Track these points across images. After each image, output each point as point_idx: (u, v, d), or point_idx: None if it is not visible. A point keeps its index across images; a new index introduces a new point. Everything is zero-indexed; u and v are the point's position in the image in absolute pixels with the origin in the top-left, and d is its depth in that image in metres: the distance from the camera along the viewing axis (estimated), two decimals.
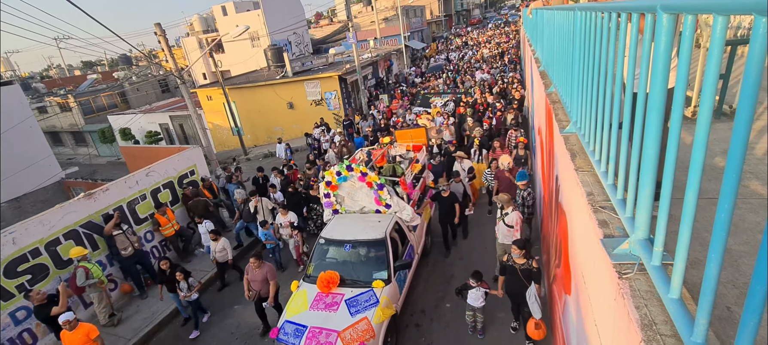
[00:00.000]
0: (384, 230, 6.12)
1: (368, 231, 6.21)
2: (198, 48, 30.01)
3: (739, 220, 2.36)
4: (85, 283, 6.61)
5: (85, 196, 7.53)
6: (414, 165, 7.75)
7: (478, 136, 10.06)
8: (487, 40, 34.58)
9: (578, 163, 2.79)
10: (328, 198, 6.97)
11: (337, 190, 6.87)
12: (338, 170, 6.60)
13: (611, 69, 2.11)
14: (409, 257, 6.46)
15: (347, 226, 6.53)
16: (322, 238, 6.37)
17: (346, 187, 6.80)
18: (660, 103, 1.45)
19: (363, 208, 6.84)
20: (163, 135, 23.77)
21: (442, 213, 7.33)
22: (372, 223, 6.42)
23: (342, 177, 6.66)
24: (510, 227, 5.75)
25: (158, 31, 11.19)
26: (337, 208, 7.02)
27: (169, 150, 11.06)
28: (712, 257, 1.08)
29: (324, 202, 7.05)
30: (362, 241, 6.12)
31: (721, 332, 1.62)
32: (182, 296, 6.52)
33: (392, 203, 6.55)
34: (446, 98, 15.39)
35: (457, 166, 8.60)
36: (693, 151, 1.18)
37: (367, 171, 6.46)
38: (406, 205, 6.60)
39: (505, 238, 5.91)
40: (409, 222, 6.70)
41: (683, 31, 1.23)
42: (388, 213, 6.61)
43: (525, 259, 4.70)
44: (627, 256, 1.74)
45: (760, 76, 0.92)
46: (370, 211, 6.79)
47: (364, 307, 5.25)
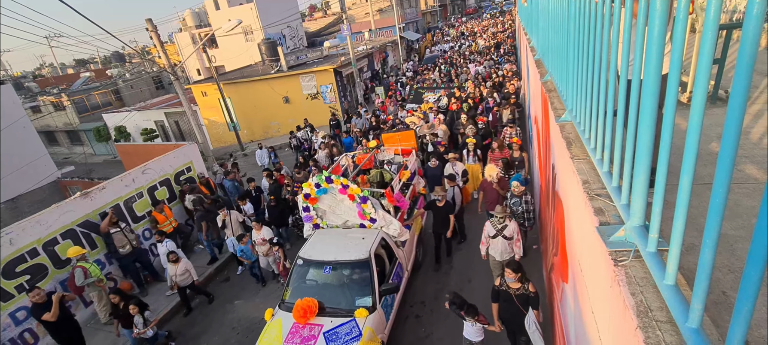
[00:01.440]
0: (368, 249, 5.50)
1: (350, 250, 5.58)
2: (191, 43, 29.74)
3: (734, 205, 2.36)
4: (83, 283, 6.59)
5: (81, 196, 7.49)
6: (402, 172, 7.09)
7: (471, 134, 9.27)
8: (482, 30, 34.38)
9: (574, 152, 2.78)
10: (308, 212, 6.34)
11: (318, 203, 6.26)
12: (317, 182, 6.00)
13: (605, 56, 2.10)
14: (397, 277, 5.86)
15: (328, 243, 5.89)
16: (300, 257, 5.73)
17: (327, 199, 6.19)
18: (654, 89, 1.43)
19: (346, 222, 6.25)
20: (159, 132, 23.64)
21: (436, 223, 6.78)
22: (355, 240, 5.78)
23: (322, 189, 6.06)
24: (510, 239, 5.27)
25: (150, 27, 11.07)
26: (319, 223, 6.39)
27: (164, 147, 11.00)
28: (706, 243, 1.08)
29: (303, 216, 6.42)
30: (343, 262, 5.48)
31: (716, 317, 1.63)
32: (136, 333, 5.90)
33: (377, 217, 5.93)
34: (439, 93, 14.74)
35: (449, 168, 7.95)
36: (687, 137, 1.17)
37: (349, 183, 5.85)
38: (392, 219, 5.99)
39: (505, 254, 5.37)
40: (397, 237, 6.11)
41: (677, 15, 1.22)
42: (374, 228, 6.02)
43: (520, 283, 4.23)
44: (623, 244, 1.74)
45: (753, 58, 0.91)
46: (354, 225, 6.18)
47: (344, 342, 4.70)
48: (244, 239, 7.12)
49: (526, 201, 5.93)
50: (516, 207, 5.97)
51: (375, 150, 8.13)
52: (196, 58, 29.66)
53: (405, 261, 6.30)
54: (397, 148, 8.45)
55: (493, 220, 5.34)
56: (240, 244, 7.11)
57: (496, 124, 10.83)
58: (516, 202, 6.00)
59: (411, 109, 13.45)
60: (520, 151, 7.81)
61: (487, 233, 5.40)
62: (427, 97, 14.86)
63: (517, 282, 4.21)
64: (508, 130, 9.00)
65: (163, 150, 10.01)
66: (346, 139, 12.85)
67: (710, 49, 1.09)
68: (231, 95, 19.35)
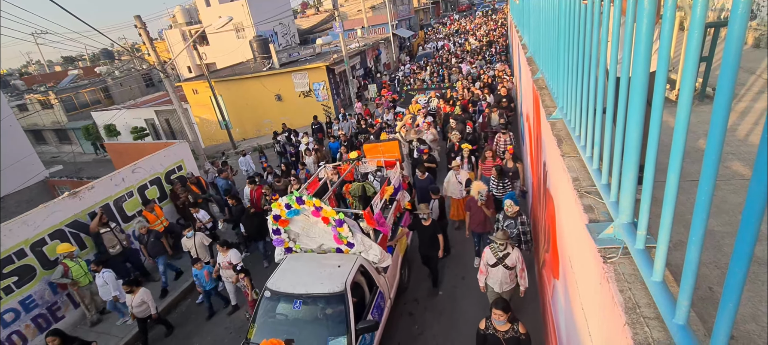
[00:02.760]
0: (343, 281, 4.89)
1: (324, 281, 4.98)
2: (181, 40, 29.41)
3: (721, 202, 2.39)
4: (58, 280, 6.57)
5: (70, 195, 7.39)
6: (384, 188, 6.40)
7: (456, 140, 8.71)
8: (474, 28, 34.42)
9: (564, 149, 2.80)
10: (279, 234, 5.64)
11: (289, 225, 5.58)
12: (288, 202, 5.31)
13: (595, 53, 2.11)
14: (377, 309, 5.24)
15: (299, 272, 5.27)
16: (268, 289, 5.10)
17: (300, 221, 5.51)
18: (642, 87, 1.44)
19: (322, 246, 5.61)
20: (149, 130, 23.39)
21: (423, 244, 6.10)
22: (329, 269, 5.16)
23: (293, 210, 5.36)
24: (511, 269, 4.65)
25: (139, 23, 10.92)
26: (291, 246, 5.72)
27: (155, 146, 10.87)
28: (693, 240, 1.09)
29: (273, 239, 5.72)
30: (316, 296, 4.87)
31: (703, 312, 1.65)
32: None
33: (355, 242, 5.29)
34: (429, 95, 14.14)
35: (451, 177, 7.33)
36: (674, 134, 1.18)
37: (322, 204, 5.17)
38: (372, 243, 5.36)
39: (505, 285, 4.76)
40: (378, 264, 5.46)
41: (664, 13, 1.22)
42: (352, 253, 5.40)
43: (510, 324, 3.80)
44: (611, 241, 1.75)
45: (739, 56, 0.91)
46: (331, 249, 5.55)
47: None
48: (199, 264, 6.43)
49: (522, 222, 5.33)
50: (510, 229, 5.28)
51: (356, 162, 7.48)
52: (187, 56, 29.34)
53: (387, 289, 5.65)
54: (379, 159, 7.63)
55: (494, 246, 4.71)
56: (194, 268, 6.45)
57: (485, 127, 10.25)
58: (510, 223, 5.35)
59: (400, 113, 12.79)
60: (513, 161, 7.25)
61: (486, 261, 4.78)
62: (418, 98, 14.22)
63: (507, 323, 3.77)
64: (501, 137, 8.39)
65: (153, 149, 9.90)
66: (333, 143, 12.00)
67: (697, 46, 1.09)
68: (222, 93, 19.19)
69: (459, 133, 8.89)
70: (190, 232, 7.06)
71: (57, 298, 6.96)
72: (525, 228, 5.32)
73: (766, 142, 0.78)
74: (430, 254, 6.10)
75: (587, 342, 2.19)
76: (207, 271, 6.47)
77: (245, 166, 12.03)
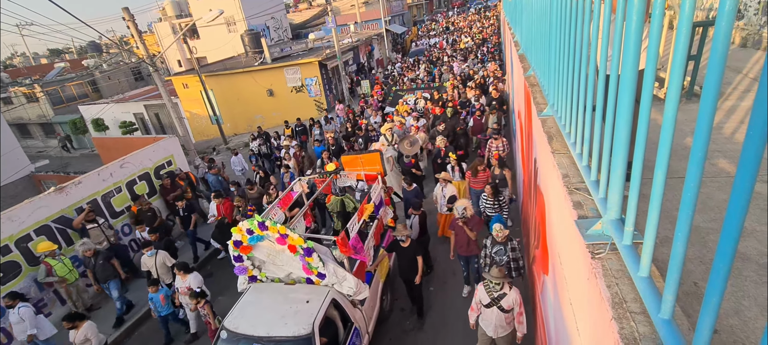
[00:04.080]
0: (311, 321, 4.31)
1: (289, 320, 4.37)
2: (171, 34, 28.97)
3: (707, 198, 2.43)
4: (44, 280, 6.45)
5: (56, 190, 7.26)
6: (363, 207, 5.67)
7: (443, 146, 8.16)
8: (468, 25, 34.42)
9: (555, 146, 2.82)
10: (240, 261, 5.03)
11: (253, 251, 4.96)
12: (249, 228, 4.71)
13: (585, 51, 2.12)
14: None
15: (262, 308, 4.65)
16: (225, 329, 4.52)
17: (265, 248, 4.90)
18: (631, 84, 1.45)
19: (290, 275, 5.01)
20: (139, 125, 23.05)
21: (402, 269, 5.59)
22: (296, 305, 4.55)
23: (255, 236, 4.76)
24: (508, 312, 4.11)
25: (127, 16, 10.73)
26: (256, 274, 5.12)
27: (144, 140, 10.72)
28: (678, 236, 1.10)
29: (235, 267, 5.08)
30: (278, 340, 4.25)
31: (688, 307, 1.67)
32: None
33: (327, 272, 4.68)
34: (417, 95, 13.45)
35: (438, 190, 6.83)
36: (662, 132, 1.19)
37: (288, 231, 4.55)
38: (346, 274, 4.75)
39: (500, 330, 4.22)
40: (354, 296, 4.86)
41: (653, 11, 1.23)
42: (323, 284, 4.78)
43: None
44: (600, 237, 1.77)
45: (725, 55, 0.92)
46: (300, 278, 4.95)
47: None
48: (154, 288, 5.88)
49: (513, 248, 4.81)
50: (499, 256, 4.79)
51: (334, 175, 6.91)
52: (177, 49, 28.90)
53: (364, 324, 5.04)
54: (359, 173, 6.95)
55: (488, 284, 4.17)
56: (149, 291, 5.90)
57: (479, 130, 9.68)
58: (499, 249, 4.81)
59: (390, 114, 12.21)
60: (500, 168, 6.85)
61: (479, 300, 4.28)
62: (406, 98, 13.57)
63: None
64: (493, 143, 7.90)
65: (142, 143, 9.77)
66: (317, 148, 11.09)
67: (684, 45, 1.10)
68: (213, 87, 18.97)
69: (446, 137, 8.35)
70: (150, 251, 6.47)
71: (43, 294, 6.86)
72: (516, 254, 4.78)
73: (750, 141, 0.79)
74: (410, 277, 5.54)
75: (575, 336, 2.21)
76: (163, 295, 5.90)
77: (239, 166, 11.32)
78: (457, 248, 5.73)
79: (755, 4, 5.97)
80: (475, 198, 6.87)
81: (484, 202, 6.25)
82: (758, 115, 0.77)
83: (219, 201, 7.98)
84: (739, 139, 3.14)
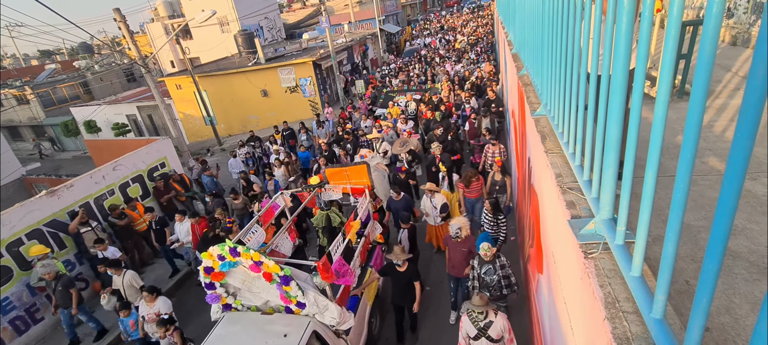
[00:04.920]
0: None
1: None
2: (164, 34, 28.77)
3: (698, 196, 2.45)
4: (37, 284, 6.37)
5: (47, 194, 7.19)
6: (350, 224, 5.23)
7: (438, 153, 7.72)
8: (462, 24, 34.46)
9: (548, 146, 2.83)
10: (213, 289, 4.59)
11: (226, 278, 4.56)
12: (220, 253, 4.28)
13: (577, 51, 2.13)
14: None
15: (237, 341, 4.26)
16: None
17: (239, 274, 4.51)
18: (622, 84, 1.46)
19: (267, 303, 4.59)
20: (131, 126, 22.86)
21: (396, 293, 5.18)
22: (273, 340, 4.15)
23: (227, 263, 4.33)
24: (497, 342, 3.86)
25: (118, 16, 10.63)
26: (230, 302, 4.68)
27: (137, 142, 10.64)
28: (669, 236, 1.11)
29: (207, 295, 4.65)
30: None
31: (680, 305, 1.68)
32: None
33: (307, 302, 4.26)
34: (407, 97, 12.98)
35: (426, 201, 6.37)
36: (652, 131, 1.19)
37: (263, 257, 4.11)
38: (328, 303, 4.34)
39: None
40: (337, 326, 4.48)
41: (643, 11, 1.23)
42: (304, 314, 4.37)
43: None
44: (592, 236, 1.78)
45: (714, 53, 0.93)
46: (279, 306, 4.52)
47: None
48: (125, 311, 5.51)
49: (502, 265, 4.50)
50: (489, 276, 4.50)
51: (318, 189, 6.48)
52: (170, 50, 28.71)
53: None
54: (345, 186, 6.49)
55: (471, 314, 3.90)
56: (120, 315, 5.55)
57: (474, 134, 9.29)
58: (488, 269, 4.50)
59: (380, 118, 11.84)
60: (502, 174, 6.47)
61: (466, 333, 4.00)
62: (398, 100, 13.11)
63: None
64: (490, 148, 7.50)
65: (135, 145, 9.71)
66: (302, 153, 10.62)
67: (674, 44, 1.11)
68: (207, 88, 18.86)
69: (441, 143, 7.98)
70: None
71: (35, 299, 6.78)
72: (506, 271, 4.49)
73: (739, 138, 0.79)
74: (405, 304, 5.18)
75: (569, 336, 2.22)
76: (133, 320, 5.52)
77: (237, 168, 10.90)
78: (449, 269, 5.32)
79: (744, 2, 6.03)
80: (469, 206, 6.69)
81: (484, 219, 5.81)
82: (747, 113, 0.77)
83: (194, 220, 7.14)
84: (730, 138, 3.17)
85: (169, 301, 5.44)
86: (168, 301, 5.43)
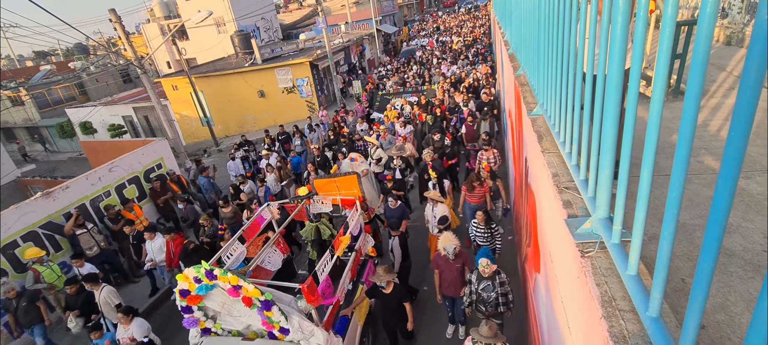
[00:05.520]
0: None
1: None
2: (160, 35, 28.66)
3: (693, 195, 2.46)
4: (32, 287, 6.32)
5: (43, 195, 7.14)
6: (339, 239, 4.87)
7: (429, 160, 7.34)
8: (458, 24, 34.50)
9: (545, 145, 2.84)
10: (189, 312, 4.31)
11: (204, 301, 4.23)
12: (196, 276, 4.02)
13: (573, 51, 2.14)
14: None
15: None
16: None
17: (217, 297, 4.20)
18: (617, 84, 1.47)
19: (249, 327, 4.34)
20: (128, 128, 22.77)
21: (386, 319, 4.84)
22: None
23: (203, 286, 4.05)
24: None
25: (113, 17, 10.58)
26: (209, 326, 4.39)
27: (133, 143, 10.61)
28: (665, 235, 1.11)
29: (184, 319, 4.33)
30: None
31: (676, 303, 1.70)
32: None
33: (291, 327, 3.98)
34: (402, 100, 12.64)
35: (428, 209, 6.19)
36: (647, 130, 1.20)
37: (241, 281, 3.85)
38: (315, 328, 4.07)
39: None
40: None
41: (637, 12, 1.24)
42: (287, 340, 4.12)
43: None
44: (589, 235, 1.79)
45: (708, 53, 0.93)
46: (262, 331, 4.26)
47: None
48: (97, 333, 5.11)
49: (501, 282, 4.31)
50: (486, 293, 4.31)
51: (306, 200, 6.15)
52: (166, 51, 28.60)
53: None
54: (335, 197, 6.13)
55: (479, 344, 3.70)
56: (92, 338, 5.17)
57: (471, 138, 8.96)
58: (486, 285, 4.32)
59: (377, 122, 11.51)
60: (492, 179, 6.36)
61: None
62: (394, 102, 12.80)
63: None
64: (484, 155, 7.22)
65: (131, 146, 9.67)
66: (293, 158, 10.21)
67: (668, 44, 1.12)
68: (203, 89, 18.80)
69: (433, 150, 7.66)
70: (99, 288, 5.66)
71: None
72: (505, 288, 4.32)
73: (733, 137, 0.80)
74: (395, 327, 4.80)
75: (566, 334, 2.23)
76: (108, 340, 5.15)
77: (235, 171, 10.57)
78: (442, 289, 4.98)
79: (739, 3, 6.07)
80: (470, 212, 6.41)
81: (475, 231, 5.54)
82: (741, 112, 0.78)
83: (169, 237, 6.55)
84: (724, 136, 3.19)
85: (145, 325, 4.98)
86: (145, 325, 4.97)
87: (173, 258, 6.59)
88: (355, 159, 8.27)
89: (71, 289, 5.71)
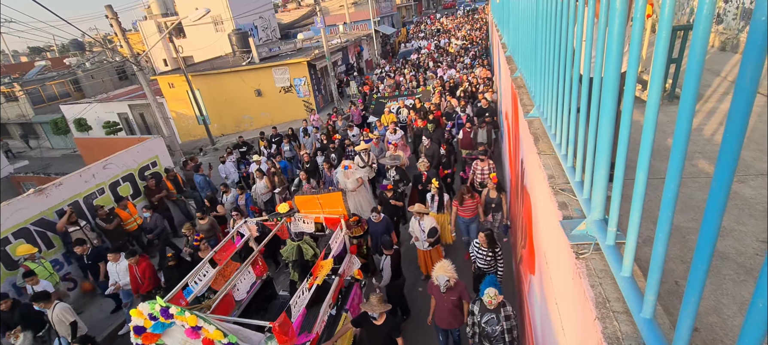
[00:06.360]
0: None
1: None
2: (157, 32, 28.51)
3: (688, 198, 2.48)
4: (22, 284, 6.27)
5: (35, 192, 7.08)
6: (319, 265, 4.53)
7: (424, 169, 7.10)
8: (456, 26, 34.55)
9: (541, 147, 2.85)
10: None
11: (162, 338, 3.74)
12: (151, 313, 3.61)
13: (569, 54, 2.15)
14: None
15: None
16: None
17: (178, 334, 3.70)
18: (614, 86, 1.47)
19: None
20: (123, 125, 22.62)
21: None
22: None
23: (158, 324, 3.64)
24: None
25: (110, 14, 10.51)
26: None
27: (128, 141, 10.54)
28: (659, 237, 1.12)
29: None
30: None
31: (669, 306, 1.70)
32: None
33: None
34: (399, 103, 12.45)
35: (414, 224, 5.81)
36: (643, 133, 1.21)
37: (201, 321, 3.43)
38: None
39: None
40: None
41: (634, 15, 1.25)
42: None
43: None
44: (584, 237, 1.79)
45: (703, 58, 0.94)
46: None
47: None
48: None
49: (507, 315, 3.91)
50: (490, 326, 3.92)
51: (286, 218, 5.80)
52: (163, 48, 28.46)
53: None
54: (318, 216, 5.73)
55: None
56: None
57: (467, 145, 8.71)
58: (490, 319, 3.92)
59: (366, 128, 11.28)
60: (497, 191, 6.02)
61: None
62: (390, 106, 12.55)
63: None
64: (479, 165, 6.93)
65: (126, 144, 9.61)
66: (282, 162, 9.91)
67: (664, 48, 1.12)
68: (200, 87, 18.72)
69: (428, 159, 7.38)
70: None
71: (22, 299, 6.66)
72: (511, 323, 3.91)
73: (727, 141, 0.81)
74: None
75: (561, 336, 2.24)
76: None
77: (225, 174, 10.39)
78: (436, 321, 4.62)
79: (733, 9, 6.13)
80: (464, 227, 6.26)
81: (476, 253, 5.08)
82: (735, 117, 0.78)
83: (133, 261, 5.99)
84: (718, 141, 3.21)
85: None
86: None
87: (140, 284, 6.07)
88: (349, 167, 8.03)
89: (5, 305, 5.31)
